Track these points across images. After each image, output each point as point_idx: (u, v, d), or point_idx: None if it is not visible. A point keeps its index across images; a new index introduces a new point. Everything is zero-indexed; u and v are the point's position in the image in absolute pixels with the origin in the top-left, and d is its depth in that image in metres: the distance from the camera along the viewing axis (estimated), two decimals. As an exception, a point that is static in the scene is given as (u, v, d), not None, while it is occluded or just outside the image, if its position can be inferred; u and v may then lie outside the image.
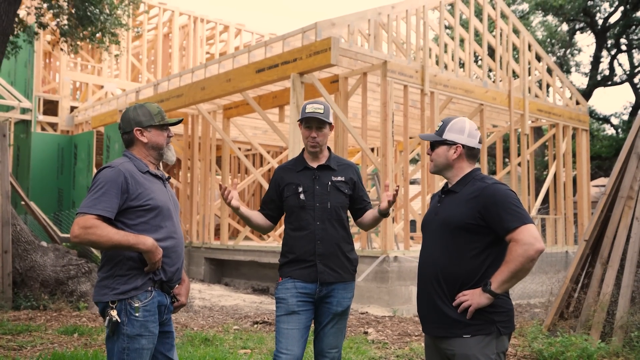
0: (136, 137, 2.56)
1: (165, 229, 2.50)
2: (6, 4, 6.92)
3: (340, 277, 2.93)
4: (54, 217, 12.29)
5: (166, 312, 2.55)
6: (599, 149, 20.20)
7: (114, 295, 2.39)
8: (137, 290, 2.41)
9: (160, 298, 2.49)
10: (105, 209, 2.35)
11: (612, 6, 20.09)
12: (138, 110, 2.58)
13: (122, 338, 2.38)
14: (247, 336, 5.81)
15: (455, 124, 2.49)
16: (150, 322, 2.43)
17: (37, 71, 14.64)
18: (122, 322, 2.37)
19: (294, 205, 2.96)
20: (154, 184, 2.54)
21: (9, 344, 5.01)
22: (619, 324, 5.15)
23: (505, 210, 2.28)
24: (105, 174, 2.42)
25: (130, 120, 2.57)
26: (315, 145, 2.97)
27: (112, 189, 2.38)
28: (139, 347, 2.39)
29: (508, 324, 2.34)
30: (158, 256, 2.42)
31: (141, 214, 2.44)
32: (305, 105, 2.98)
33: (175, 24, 17.78)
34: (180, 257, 2.58)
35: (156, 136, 2.58)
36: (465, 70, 10.91)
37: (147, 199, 2.45)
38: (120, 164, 2.47)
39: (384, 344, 5.65)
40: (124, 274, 2.41)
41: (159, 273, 2.47)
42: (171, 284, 2.54)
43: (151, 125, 2.57)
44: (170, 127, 2.65)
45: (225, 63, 10.63)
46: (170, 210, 2.56)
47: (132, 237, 2.37)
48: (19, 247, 6.96)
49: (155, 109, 2.60)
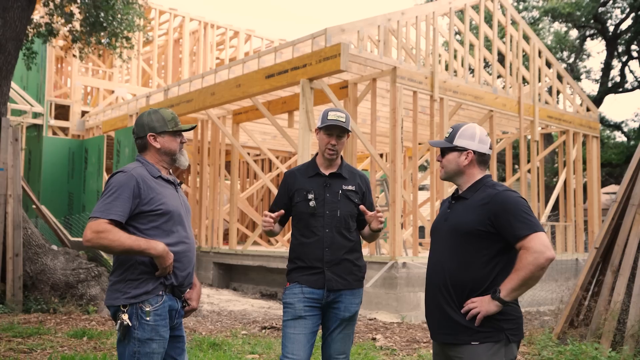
0: (149, 142, 2.58)
1: (177, 234, 2.52)
2: (19, 10, 7.01)
3: (348, 285, 2.93)
4: (65, 221, 12.39)
5: (177, 316, 2.56)
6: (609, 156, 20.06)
7: (125, 300, 2.41)
8: (148, 295, 2.42)
9: (171, 302, 2.50)
10: (117, 214, 2.37)
11: (623, 13, 19.99)
12: (152, 115, 2.60)
13: (133, 342, 2.40)
14: (255, 341, 5.81)
15: (466, 130, 2.48)
16: (161, 326, 2.44)
17: (49, 76, 14.79)
18: (133, 326, 2.39)
19: (303, 212, 2.96)
20: (166, 189, 2.56)
21: (19, 346, 5.04)
22: (630, 332, 5.10)
23: (516, 218, 2.27)
24: (118, 179, 2.44)
25: (144, 125, 2.58)
26: (333, 153, 2.98)
27: (124, 194, 2.40)
28: (149, 351, 2.41)
29: (517, 331, 2.33)
30: (169, 261, 2.43)
31: (153, 219, 2.46)
32: (327, 112, 2.97)
33: (186, 29, 17.90)
34: (191, 262, 2.59)
35: (169, 142, 2.60)
36: (475, 76, 10.89)
37: (158, 203, 2.47)
38: (132, 169, 2.49)
39: (392, 350, 5.63)
40: (135, 278, 2.43)
41: (170, 277, 2.48)
42: (182, 288, 2.56)
43: (164, 131, 2.58)
44: (183, 133, 2.66)
45: (235, 68, 10.68)
46: (182, 215, 2.57)
47: (143, 242, 2.38)
48: (29, 251, 7.01)
49: (169, 115, 2.61)
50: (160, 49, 18.77)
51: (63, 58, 17.60)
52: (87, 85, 16.74)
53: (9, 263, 6.74)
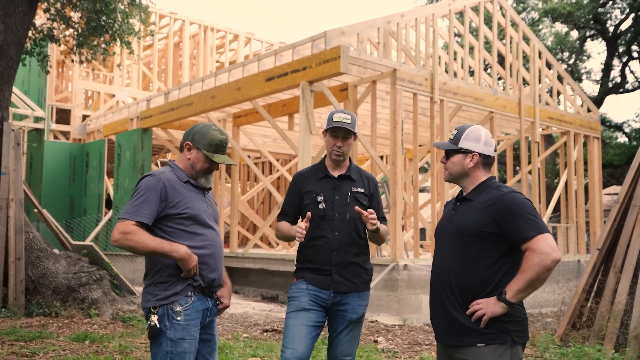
0: (185, 148, 2.66)
1: (202, 237, 2.58)
2: (21, 15, 7.02)
3: (355, 287, 2.94)
4: (66, 225, 12.39)
5: (209, 315, 2.63)
6: (611, 156, 20.04)
7: (156, 301, 2.49)
8: (177, 296, 2.50)
9: (201, 302, 2.57)
10: (144, 216, 2.45)
11: (623, 13, 20.01)
12: (203, 129, 2.65)
13: (165, 342, 2.47)
14: (256, 344, 5.80)
15: (471, 133, 2.48)
16: (192, 326, 2.51)
17: (50, 80, 14.80)
18: (165, 326, 2.46)
19: (313, 214, 2.94)
20: (193, 193, 2.62)
21: (21, 350, 5.04)
22: (633, 334, 5.09)
23: (522, 219, 2.27)
24: (146, 182, 2.53)
25: (192, 132, 2.66)
26: (340, 155, 2.98)
27: (151, 197, 2.48)
28: (181, 351, 2.47)
29: (522, 333, 2.32)
30: (192, 263, 2.50)
31: (179, 222, 2.53)
32: (332, 114, 2.97)
33: (186, 33, 17.92)
34: (219, 264, 2.65)
35: (199, 160, 2.64)
36: (475, 78, 10.89)
37: (185, 207, 2.54)
38: (161, 173, 2.58)
39: (394, 353, 5.62)
40: (165, 281, 2.51)
41: (197, 279, 2.54)
42: (212, 288, 2.62)
43: (199, 149, 2.63)
44: (213, 159, 2.64)
45: (235, 72, 10.69)
46: (209, 218, 2.63)
47: (166, 245, 2.45)
48: (31, 255, 7.02)
49: (216, 139, 2.64)
50: (160, 52, 18.78)
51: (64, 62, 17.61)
52: (88, 89, 16.74)
53: (11, 267, 6.74)
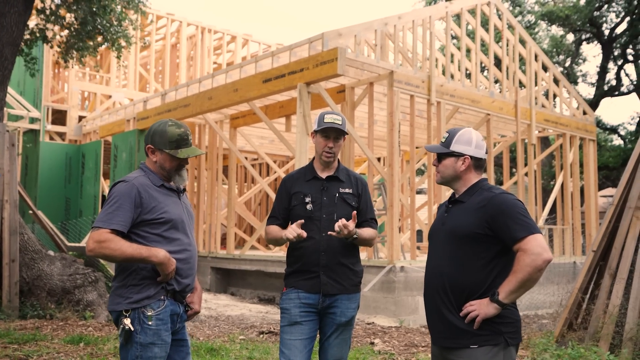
0: (148, 152, 2.61)
1: (179, 241, 2.55)
2: (16, 15, 7.00)
3: (343, 289, 2.92)
4: (61, 226, 12.35)
5: (179, 320, 2.60)
6: (606, 159, 20.09)
7: (127, 304, 2.44)
8: (150, 299, 2.45)
9: (173, 307, 2.53)
10: (118, 223, 2.40)
11: (618, 17, 20.08)
12: (159, 128, 2.57)
13: (135, 346, 2.43)
14: (253, 346, 5.79)
15: (462, 136, 2.48)
16: (163, 330, 2.47)
17: (45, 81, 14.77)
18: (135, 331, 2.42)
19: (300, 215, 2.94)
20: (168, 197, 2.58)
21: (15, 353, 5.01)
22: (629, 335, 5.10)
23: (513, 220, 2.28)
24: (119, 189, 2.47)
25: (149, 134, 2.59)
26: (330, 155, 2.97)
27: (125, 204, 2.43)
28: (151, 356, 2.44)
29: (515, 334, 2.33)
30: (171, 267, 2.46)
31: (155, 227, 2.49)
32: (323, 115, 2.97)
33: (183, 34, 17.91)
34: (193, 268, 2.62)
35: (165, 160, 2.59)
36: (472, 80, 10.91)
37: (160, 212, 2.50)
38: (134, 179, 2.52)
39: (390, 354, 5.61)
40: (137, 284, 2.46)
41: (171, 283, 2.51)
42: (184, 293, 2.59)
43: (161, 149, 2.57)
44: (177, 156, 2.58)
45: (233, 73, 10.69)
46: (184, 223, 2.60)
47: (144, 250, 2.41)
48: (26, 256, 6.98)
49: (174, 135, 2.56)
50: (157, 53, 18.77)
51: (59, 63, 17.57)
52: (84, 90, 16.72)
53: (5, 269, 6.71)
